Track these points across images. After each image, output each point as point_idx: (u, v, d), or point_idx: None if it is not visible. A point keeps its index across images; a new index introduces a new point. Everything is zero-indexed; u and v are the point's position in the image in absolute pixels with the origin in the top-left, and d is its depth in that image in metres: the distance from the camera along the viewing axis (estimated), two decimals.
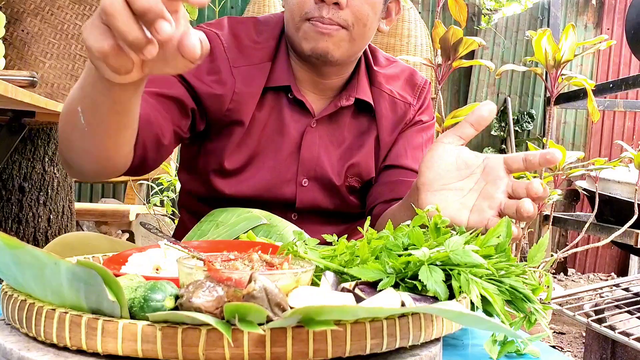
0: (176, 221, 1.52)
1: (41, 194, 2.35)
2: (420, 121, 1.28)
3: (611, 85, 3.47)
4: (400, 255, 0.70)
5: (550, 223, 2.94)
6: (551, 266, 2.90)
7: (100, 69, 0.65)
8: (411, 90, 1.29)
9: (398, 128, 1.25)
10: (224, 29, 1.17)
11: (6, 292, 0.61)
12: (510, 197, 0.85)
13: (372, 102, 1.22)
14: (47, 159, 2.35)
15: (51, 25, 2.12)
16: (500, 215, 0.86)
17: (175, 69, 0.65)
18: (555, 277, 4.73)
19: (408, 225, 0.78)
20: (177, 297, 0.54)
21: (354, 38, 1.10)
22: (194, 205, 1.28)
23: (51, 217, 2.38)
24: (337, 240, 0.79)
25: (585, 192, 3.62)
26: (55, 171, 2.40)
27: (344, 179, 1.22)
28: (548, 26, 4.64)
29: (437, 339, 0.61)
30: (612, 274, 4.98)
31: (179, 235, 1.33)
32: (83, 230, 3.72)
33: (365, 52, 1.25)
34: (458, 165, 0.89)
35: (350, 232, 1.28)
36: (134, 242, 3.07)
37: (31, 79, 1.44)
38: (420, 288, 0.65)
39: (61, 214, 2.42)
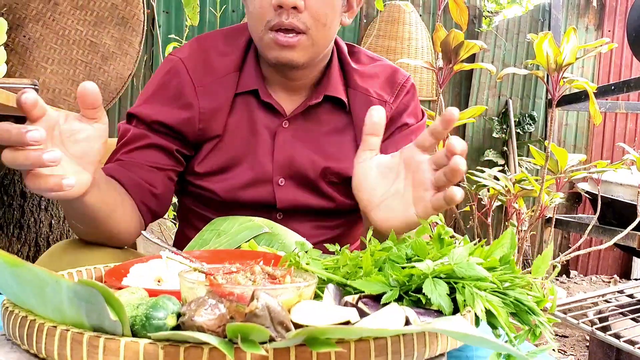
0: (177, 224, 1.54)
1: (42, 199, 2.34)
2: (405, 125, 1.26)
3: (613, 87, 3.47)
4: (403, 267, 0.69)
5: (553, 225, 2.93)
6: (553, 268, 2.90)
7: (52, 196, 0.81)
8: (390, 89, 1.26)
9: None
10: (190, 51, 1.21)
11: (7, 307, 0.60)
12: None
13: (344, 99, 1.22)
14: None
15: (53, 31, 2.12)
16: (438, 189, 0.87)
17: (95, 134, 0.82)
18: (557, 279, 4.72)
19: (410, 236, 0.78)
20: (179, 315, 0.53)
21: (316, 40, 1.12)
22: (185, 208, 1.30)
23: (53, 222, 2.38)
24: (340, 250, 0.79)
25: (587, 195, 3.62)
26: None
27: (321, 176, 1.22)
28: (549, 28, 4.63)
29: (442, 354, 0.60)
30: (615, 276, 4.97)
31: (178, 240, 1.33)
32: None
33: (340, 50, 1.26)
34: (382, 173, 0.92)
35: (345, 233, 1.28)
36: (135, 247, 3.06)
37: (32, 86, 1.43)
38: (424, 301, 0.65)
39: (63, 219, 2.41)
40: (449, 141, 0.85)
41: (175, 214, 3.29)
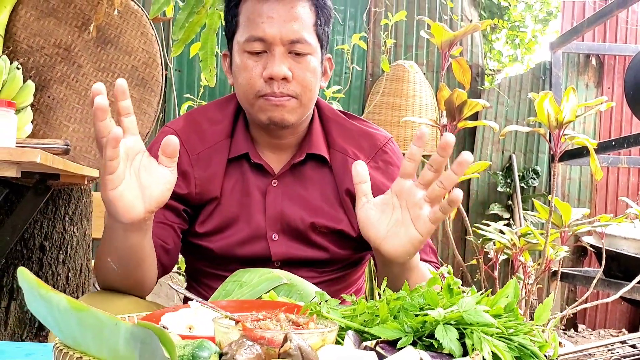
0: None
1: (61, 252, 2.41)
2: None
3: (613, 143, 3.56)
4: (417, 315, 0.76)
5: (559, 279, 2.97)
6: (560, 322, 2.93)
7: (111, 208, 0.94)
8: (369, 150, 1.35)
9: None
10: (184, 123, 1.33)
11: (61, 349, 0.67)
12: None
13: (326, 155, 1.32)
14: (67, 219, 2.43)
15: (76, 92, 2.23)
16: (432, 202, 0.99)
17: (168, 178, 0.97)
18: (565, 334, 4.71)
19: (422, 286, 0.85)
20: (220, 355, 0.60)
21: (304, 103, 1.25)
22: (190, 266, 1.40)
23: (70, 275, 2.44)
24: (356, 300, 0.86)
25: (592, 248, 3.66)
26: (74, 230, 2.47)
27: (310, 230, 1.30)
28: (550, 86, 4.76)
29: None
30: (624, 329, 4.95)
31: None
32: (97, 288, 3.74)
33: (320, 110, 1.36)
34: (380, 209, 1.03)
35: (340, 279, 1.35)
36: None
37: (65, 147, 1.52)
38: (436, 346, 0.71)
39: (79, 272, 2.47)
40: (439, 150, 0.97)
41: (180, 265, 3.35)
